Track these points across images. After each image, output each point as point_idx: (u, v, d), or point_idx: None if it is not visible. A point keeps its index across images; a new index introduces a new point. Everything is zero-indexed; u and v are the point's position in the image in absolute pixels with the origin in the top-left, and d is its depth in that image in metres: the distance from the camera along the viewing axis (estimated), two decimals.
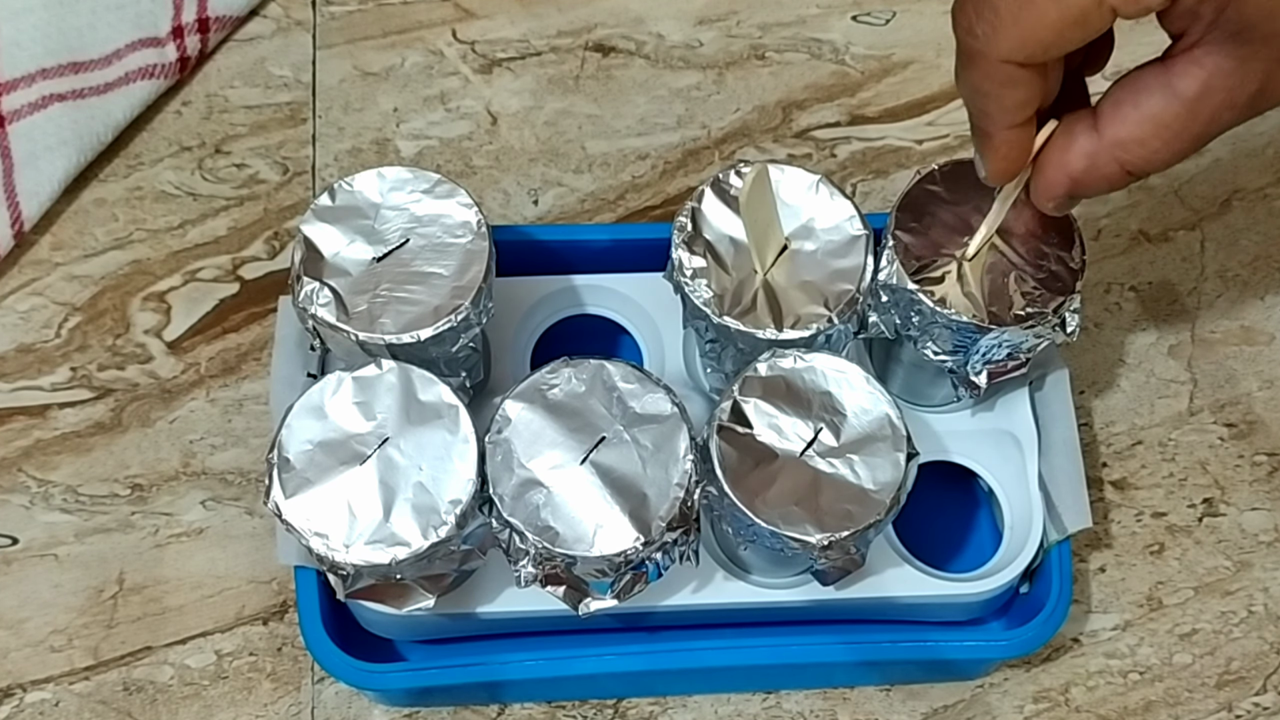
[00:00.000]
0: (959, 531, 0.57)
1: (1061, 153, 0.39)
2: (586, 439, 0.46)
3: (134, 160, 0.63)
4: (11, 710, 0.55)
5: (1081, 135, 0.39)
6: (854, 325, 0.50)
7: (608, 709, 0.56)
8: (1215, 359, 0.62)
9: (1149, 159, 0.38)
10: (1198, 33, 0.36)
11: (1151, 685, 0.57)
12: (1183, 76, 0.37)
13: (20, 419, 0.59)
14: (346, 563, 0.44)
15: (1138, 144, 0.38)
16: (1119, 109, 0.38)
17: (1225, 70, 0.36)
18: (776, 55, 0.67)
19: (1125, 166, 0.38)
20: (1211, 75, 0.36)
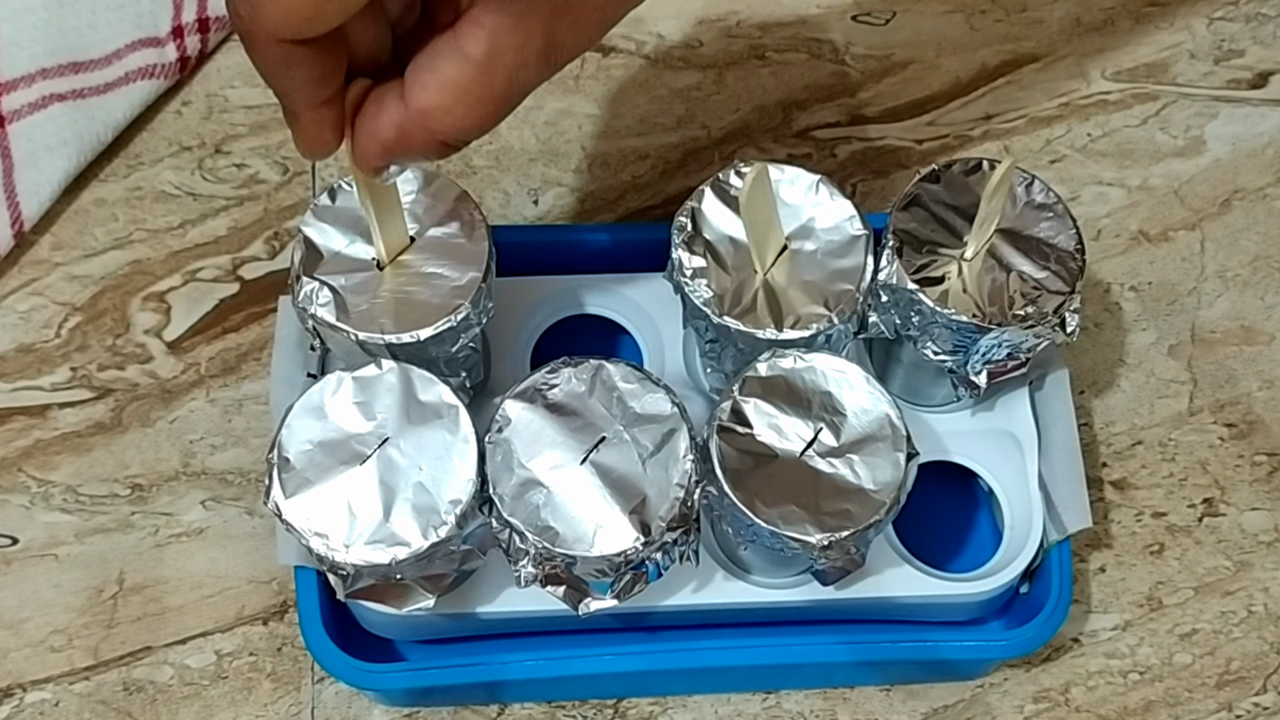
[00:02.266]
0: (959, 531, 0.57)
1: (372, 121, 0.38)
2: (586, 439, 0.46)
3: (134, 160, 0.63)
4: (11, 710, 0.55)
5: (391, 104, 0.38)
6: (854, 325, 0.50)
7: (608, 709, 0.56)
8: (1215, 359, 0.62)
9: (457, 126, 0.37)
10: None
11: (1151, 685, 0.57)
12: (469, 39, 0.36)
13: (20, 419, 0.59)
14: (346, 563, 0.44)
15: (443, 111, 0.37)
16: (419, 76, 0.37)
17: (506, 29, 0.36)
18: (776, 55, 0.67)
19: (436, 135, 0.38)
20: (494, 35, 0.36)
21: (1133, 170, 0.65)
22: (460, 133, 0.37)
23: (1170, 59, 0.67)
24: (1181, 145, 0.66)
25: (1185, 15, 0.68)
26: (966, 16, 0.68)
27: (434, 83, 0.37)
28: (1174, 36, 0.68)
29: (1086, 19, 0.68)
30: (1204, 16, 0.68)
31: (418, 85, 0.37)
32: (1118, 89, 0.67)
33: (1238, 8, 0.68)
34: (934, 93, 0.66)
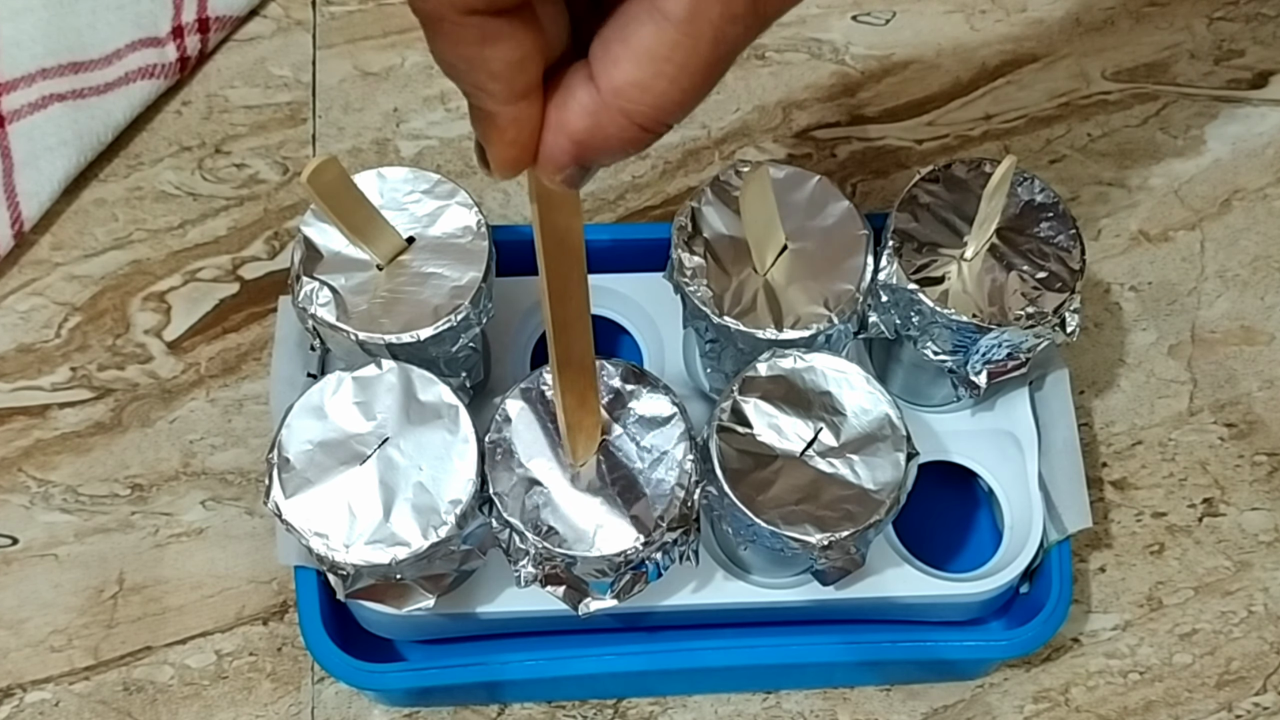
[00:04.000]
0: (959, 531, 0.57)
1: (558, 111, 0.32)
2: None
3: (134, 160, 0.63)
4: (11, 710, 0.55)
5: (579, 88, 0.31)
6: (854, 325, 0.50)
7: (608, 709, 0.56)
8: (1215, 359, 0.62)
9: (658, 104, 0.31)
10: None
11: (1151, 685, 0.57)
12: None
13: (20, 419, 0.59)
14: (346, 563, 0.44)
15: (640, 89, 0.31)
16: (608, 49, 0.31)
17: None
18: (776, 55, 0.67)
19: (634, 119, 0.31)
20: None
21: (1133, 170, 0.65)
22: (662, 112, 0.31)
23: (1170, 59, 0.67)
24: (1181, 145, 0.66)
25: (1185, 15, 0.68)
26: (966, 16, 0.68)
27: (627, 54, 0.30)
28: (1174, 36, 0.68)
29: (1086, 19, 0.68)
30: (1204, 16, 0.68)
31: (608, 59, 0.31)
32: (1118, 89, 0.67)
33: (1238, 8, 0.68)
34: (934, 93, 0.66)
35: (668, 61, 0.30)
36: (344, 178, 0.44)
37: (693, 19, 0.30)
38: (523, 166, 0.33)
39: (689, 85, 0.31)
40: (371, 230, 0.46)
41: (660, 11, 0.30)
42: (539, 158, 0.32)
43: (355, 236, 0.46)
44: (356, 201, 0.45)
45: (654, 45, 0.30)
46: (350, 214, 0.45)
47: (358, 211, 0.46)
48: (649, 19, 0.30)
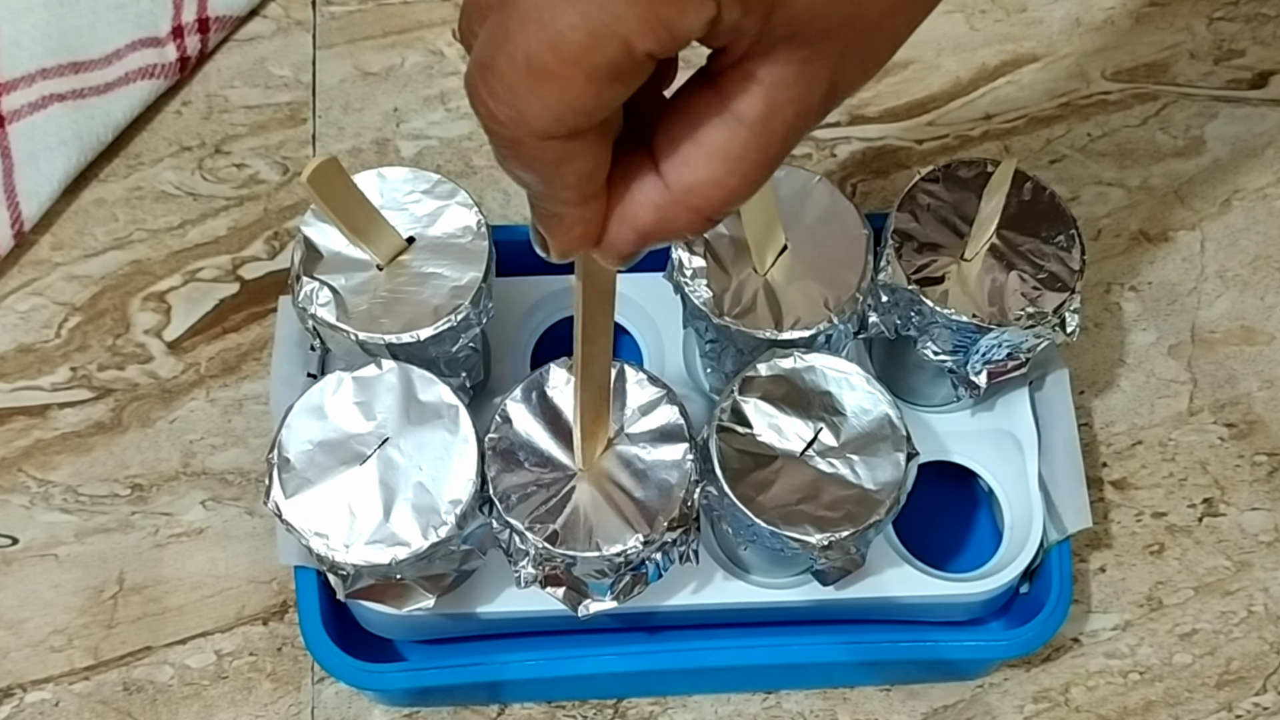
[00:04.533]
0: (959, 531, 0.57)
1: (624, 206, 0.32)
2: None
3: (134, 160, 0.63)
4: (11, 710, 0.55)
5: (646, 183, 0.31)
6: (854, 325, 0.50)
7: (608, 709, 0.56)
8: (1215, 359, 0.62)
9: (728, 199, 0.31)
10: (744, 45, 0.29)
11: (1151, 685, 0.57)
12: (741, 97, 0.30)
13: (20, 419, 0.59)
14: (346, 563, 0.44)
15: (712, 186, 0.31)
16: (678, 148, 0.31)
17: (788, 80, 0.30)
18: None
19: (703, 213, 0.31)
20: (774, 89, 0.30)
21: (1133, 170, 0.65)
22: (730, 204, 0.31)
23: (1170, 59, 0.67)
24: (1181, 145, 0.65)
25: (1185, 15, 0.68)
26: (966, 16, 0.68)
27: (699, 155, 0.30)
28: (1174, 36, 0.68)
29: (1086, 19, 0.68)
30: (1204, 16, 0.68)
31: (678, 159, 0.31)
32: (1118, 89, 0.67)
33: (1238, 8, 0.68)
34: (934, 93, 0.66)
35: (740, 160, 0.30)
36: (344, 178, 0.44)
37: (768, 119, 0.30)
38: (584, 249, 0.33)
39: (758, 177, 0.31)
40: (371, 230, 0.46)
41: (733, 114, 0.30)
42: (602, 245, 0.33)
43: (355, 236, 0.46)
44: (356, 201, 0.45)
45: (727, 146, 0.30)
46: (350, 214, 0.45)
47: (358, 211, 0.46)
48: (720, 119, 0.30)
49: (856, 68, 0.31)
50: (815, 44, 0.29)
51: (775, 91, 0.30)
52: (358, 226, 0.46)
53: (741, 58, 0.29)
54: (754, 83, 0.30)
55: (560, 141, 0.29)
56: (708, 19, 0.27)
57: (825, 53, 0.30)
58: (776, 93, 0.30)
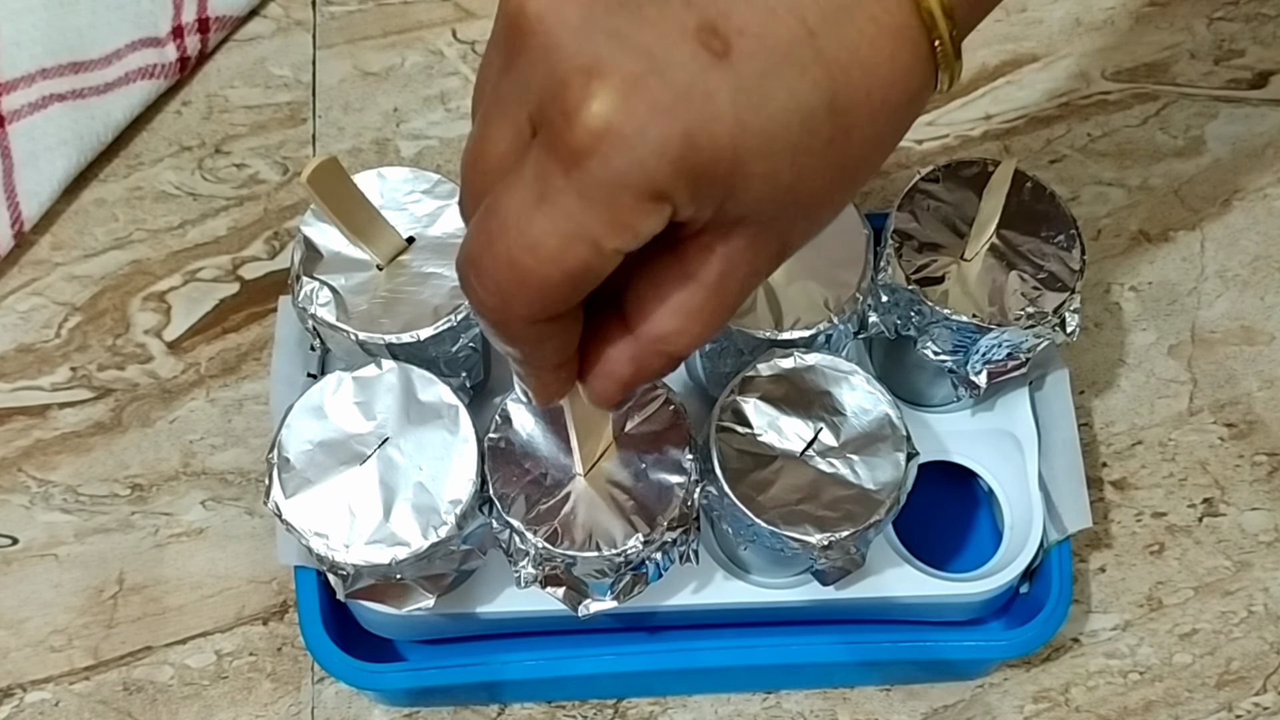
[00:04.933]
0: (959, 531, 0.57)
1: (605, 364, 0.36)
2: None
3: (134, 160, 0.63)
4: (11, 710, 0.55)
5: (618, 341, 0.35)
6: (854, 325, 0.50)
7: (608, 709, 0.56)
8: (1215, 359, 0.62)
9: (693, 343, 0.35)
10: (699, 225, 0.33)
11: (1151, 685, 0.57)
12: (700, 265, 0.33)
13: (20, 419, 0.59)
14: (346, 563, 0.44)
15: (677, 334, 0.35)
16: (643, 306, 0.35)
17: (741, 248, 0.33)
18: None
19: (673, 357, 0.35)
20: (728, 257, 0.33)
21: (1133, 170, 0.65)
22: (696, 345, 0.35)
23: (1170, 59, 0.67)
24: (1181, 145, 0.65)
25: (1185, 15, 0.68)
26: None
27: (664, 312, 0.34)
28: (1174, 36, 0.68)
29: (1086, 19, 0.68)
30: (1204, 16, 0.68)
31: (644, 315, 0.35)
32: (1118, 89, 0.67)
33: (1238, 8, 0.68)
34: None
35: (701, 312, 0.34)
36: (344, 178, 0.44)
37: (723, 280, 0.34)
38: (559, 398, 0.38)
39: (718, 323, 0.35)
40: (371, 230, 0.46)
41: (692, 278, 0.34)
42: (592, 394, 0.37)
43: (355, 236, 0.46)
44: (356, 201, 0.45)
45: (686, 303, 0.34)
46: (350, 214, 0.45)
47: (358, 211, 0.46)
48: (681, 282, 0.34)
49: (802, 234, 0.35)
50: (764, 223, 0.33)
51: (730, 260, 0.34)
52: (358, 226, 0.46)
53: (699, 232, 0.33)
54: (711, 253, 0.33)
55: (542, 324, 0.33)
56: (666, 219, 0.31)
57: (775, 229, 0.34)
58: (731, 259, 0.34)
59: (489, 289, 0.32)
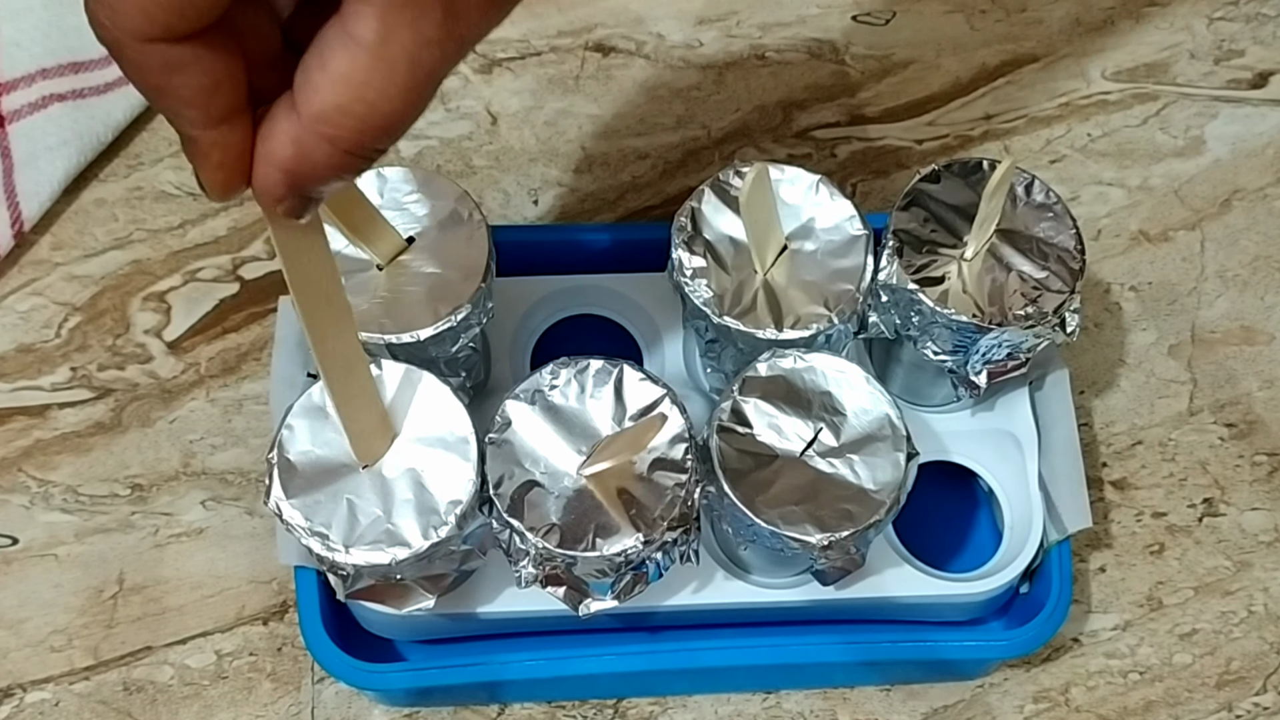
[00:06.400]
0: (959, 531, 0.57)
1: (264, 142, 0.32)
2: (586, 439, 0.46)
3: (134, 160, 0.63)
4: (11, 710, 0.55)
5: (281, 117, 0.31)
6: (854, 325, 0.50)
7: (608, 709, 0.56)
8: (1215, 359, 0.62)
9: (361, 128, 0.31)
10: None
11: (1151, 685, 0.57)
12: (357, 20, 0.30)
13: (20, 419, 0.59)
14: (346, 563, 0.44)
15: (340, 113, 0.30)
16: (308, 76, 0.31)
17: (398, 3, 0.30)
18: (776, 55, 0.67)
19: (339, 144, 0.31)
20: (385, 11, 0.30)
21: (1133, 170, 0.65)
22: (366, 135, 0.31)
23: (1170, 59, 0.67)
24: (1181, 145, 0.66)
25: (1185, 15, 0.68)
26: (966, 16, 0.68)
27: (324, 80, 0.30)
28: (1174, 36, 0.68)
29: (1086, 19, 0.68)
30: (1204, 16, 0.68)
31: (308, 87, 0.31)
32: (1118, 89, 0.67)
33: (1238, 8, 0.68)
34: (934, 93, 0.66)
35: (365, 86, 0.30)
36: None
37: (384, 43, 0.30)
38: (236, 189, 0.32)
39: (390, 109, 0.31)
40: (371, 230, 0.46)
41: (351, 37, 0.30)
42: (254, 189, 0.32)
43: (355, 236, 0.46)
44: (356, 201, 0.45)
45: (349, 71, 0.30)
46: (350, 214, 0.45)
47: (358, 211, 0.46)
48: (341, 45, 0.30)
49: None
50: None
51: (387, 14, 0.30)
52: (357, 226, 0.46)
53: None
54: (367, 5, 0.30)
55: (163, 46, 0.29)
56: None
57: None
58: (389, 15, 0.30)
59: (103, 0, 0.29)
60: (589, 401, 0.46)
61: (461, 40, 0.31)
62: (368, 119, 0.31)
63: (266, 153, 0.32)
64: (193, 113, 0.31)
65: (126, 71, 0.30)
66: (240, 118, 0.31)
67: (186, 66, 0.30)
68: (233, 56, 0.30)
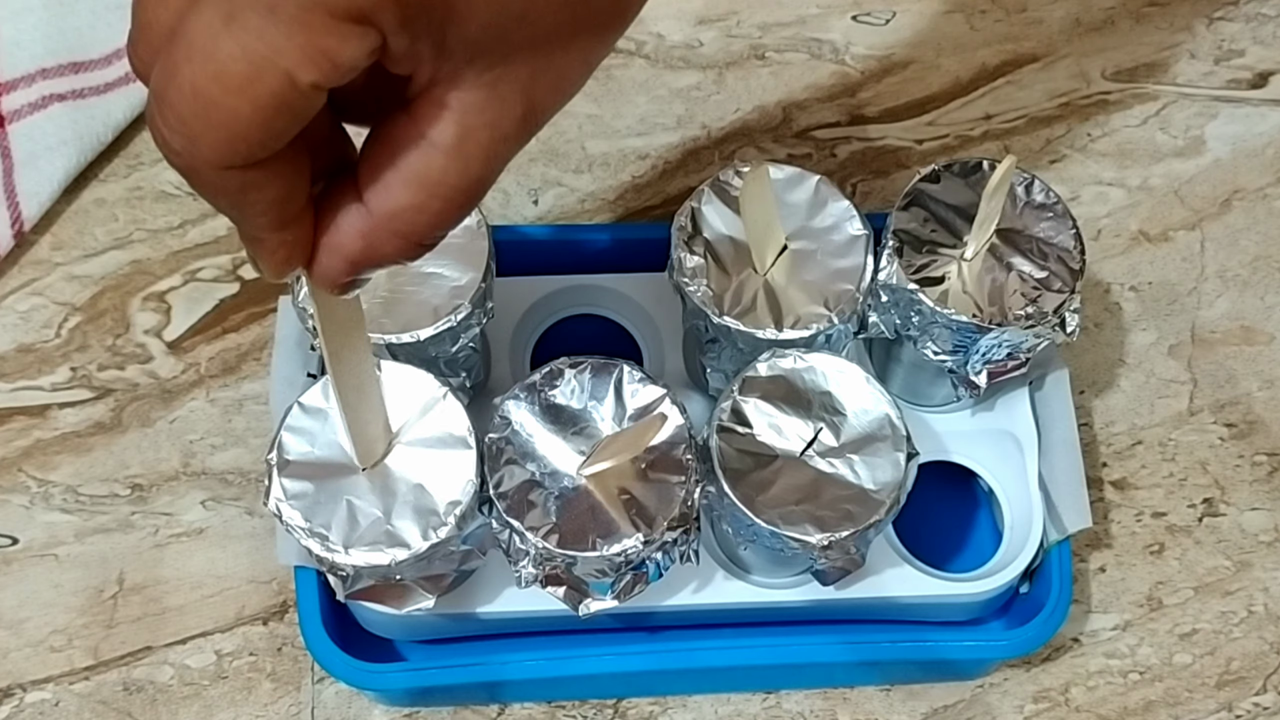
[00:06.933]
0: (959, 531, 0.57)
1: (331, 236, 0.32)
2: (586, 439, 0.46)
3: (134, 160, 0.63)
4: (11, 710, 0.55)
5: (350, 212, 0.31)
6: (854, 325, 0.50)
7: (608, 709, 0.56)
8: (1215, 359, 0.62)
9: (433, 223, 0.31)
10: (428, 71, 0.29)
11: (1151, 685, 0.57)
12: (434, 124, 0.30)
13: (20, 419, 0.59)
14: (346, 564, 0.44)
15: (414, 211, 0.31)
16: (379, 175, 0.31)
17: (479, 104, 0.30)
18: (776, 55, 0.67)
19: (410, 239, 0.31)
20: (465, 114, 0.30)
21: (1133, 170, 0.65)
22: (437, 229, 0.32)
23: (1170, 59, 0.67)
24: (1181, 145, 0.66)
25: (1185, 15, 0.68)
26: (966, 16, 0.68)
27: (399, 181, 0.30)
28: (1174, 36, 0.68)
29: (1086, 19, 0.68)
30: (1204, 16, 0.68)
31: (380, 186, 0.31)
32: (1118, 89, 0.67)
33: (1238, 8, 0.68)
34: (934, 93, 0.66)
35: (440, 185, 0.30)
36: None
37: (462, 144, 0.30)
38: (294, 270, 0.33)
39: (463, 201, 0.31)
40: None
41: (428, 140, 0.30)
42: (314, 275, 0.33)
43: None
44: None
45: (425, 172, 0.30)
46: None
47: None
48: (417, 147, 0.30)
49: (550, 90, 0.31)
50: (499, 67, 0.30)
51: (467, 116, 0.30)
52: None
53: (429, 84, 0.30)
54: (444, 109, 0.30)
55: (239, 171, 0.29)
56: (371, 48, 0.28)
57: (512, 76, 0.30)
58: (468, 117, 0.30)
59: (174, 125, 0.28)
60: (589, 401, 0.46)
61: (535, 128, 0.32)
62: (442, 213, 0.31)
63: (334, 245, 0.32)
64: (264, 220, 0.31)
65: (199, 191, 0.30)
66: (306, 214, 0.32)
67: (263, 185, 0.30)
68: (302, 162, 0.30)
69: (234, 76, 0.27)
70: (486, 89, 0.30)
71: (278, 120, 0.28)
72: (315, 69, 0.27)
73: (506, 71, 0.30)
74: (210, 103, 0.27)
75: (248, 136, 0.28)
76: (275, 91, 0.27)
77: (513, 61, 0.30)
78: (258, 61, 0.27)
